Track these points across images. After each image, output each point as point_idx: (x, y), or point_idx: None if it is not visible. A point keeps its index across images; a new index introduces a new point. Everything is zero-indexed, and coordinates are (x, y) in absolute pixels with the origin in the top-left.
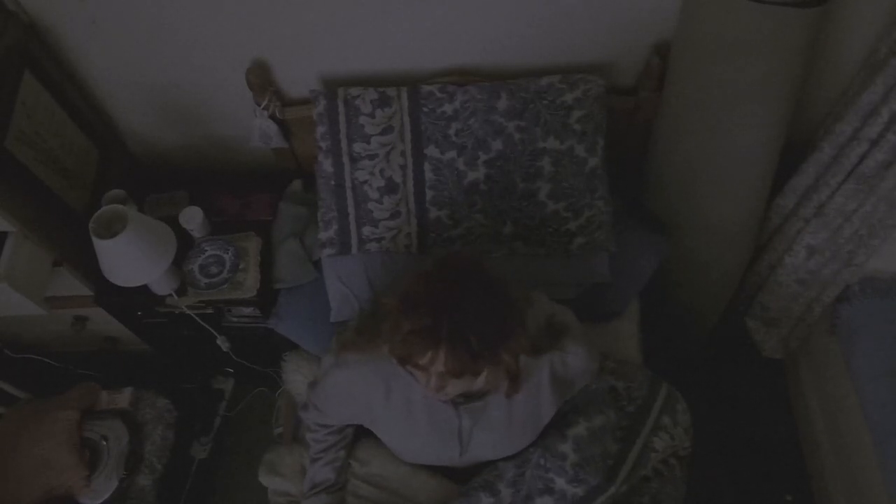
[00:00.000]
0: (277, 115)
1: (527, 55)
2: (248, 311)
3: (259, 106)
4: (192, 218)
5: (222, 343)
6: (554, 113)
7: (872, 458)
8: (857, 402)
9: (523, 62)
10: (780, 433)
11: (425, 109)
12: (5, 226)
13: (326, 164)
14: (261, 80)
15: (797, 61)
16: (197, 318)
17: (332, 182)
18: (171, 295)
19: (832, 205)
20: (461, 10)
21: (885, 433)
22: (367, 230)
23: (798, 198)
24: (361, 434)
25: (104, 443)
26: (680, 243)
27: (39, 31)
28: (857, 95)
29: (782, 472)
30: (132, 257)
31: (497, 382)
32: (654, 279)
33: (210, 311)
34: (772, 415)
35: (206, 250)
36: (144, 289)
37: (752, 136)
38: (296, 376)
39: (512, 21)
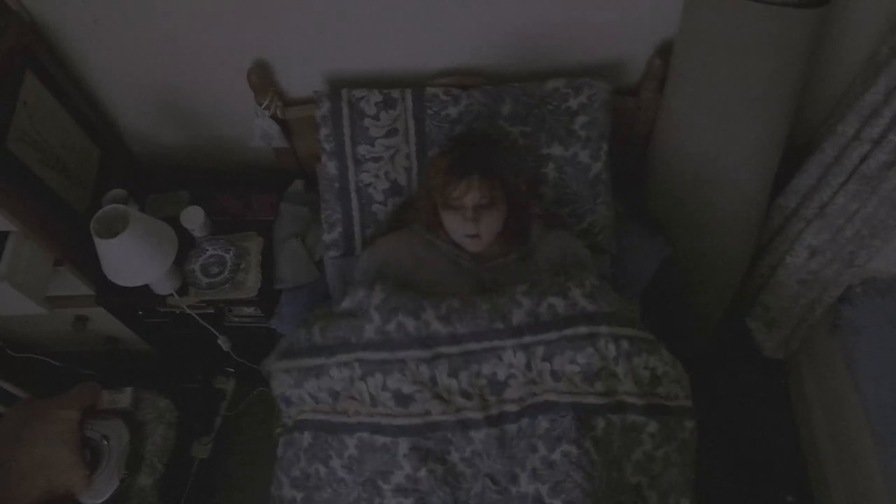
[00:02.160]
0: (279, 114)
1: (529, 56)
2: (249, 310)
3: (260, 106)
4: (194, 218)
5: (223, 343)
6: (558, 119)
7: (874, 458)
8: (859, 402)
9: (526, 62)
10: (781, 434)
11: (430, 112)
12: (7, 225)
13: (330, 167)
14: (262, 80)
15: (799, 62)
16: (198, 318)
17: (337, 184)
18: (172, 295)
19: (834, 205)
20: (463, 9)
21: (886, 434)
22: (371, 232)
23: (800, 198)
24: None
25: (105, 442)
26: (681, 244)
27: (41, 31)
28: (858, 96)
29: (783, 473)
30: (133, 257)
31: (508, 220)
32: (655, 280)
33: (211, 310)
34: (773, 415)
35: (208, 250)
36: (145, 288)
37: (754, 136)
38: None
39: (514, 22)
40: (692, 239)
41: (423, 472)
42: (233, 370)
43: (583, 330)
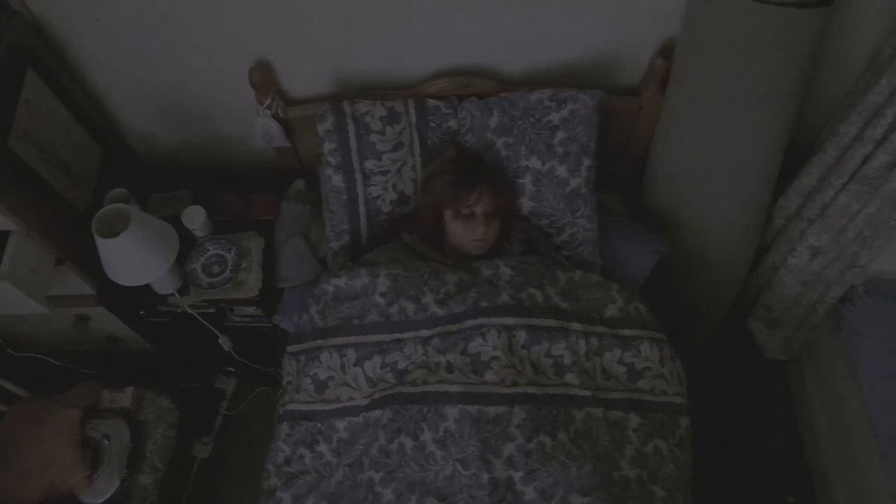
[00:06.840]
0: (280, 114)
1: (531, 55)
2: (250, 310)
3: (262, 105)
4: (195, 217)
5: (224, 342)
6: (539, 132)
7: (876, 459)
8: (861, 403)
9: (527, 62)
10: (782, 434)
11: (432, 125)
12: (8, 224)
13: (336, 180)
14: (263, 79)
15: (801, 62)
16: (199, 318)
17: (344, 197)
18: (173, 294)
19: (836, 206)
20: (466, 8)
21: (888, 434)
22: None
23: (802, 199)
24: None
25: (106, 442)
26: (683, 244)
27: (43, 30)
28: (861, 96)
29: (785, 474)
30: (135, 256)
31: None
32: (655, 279)
33: (212, 310)
34: (775, 416)
35: (209, 249)
36: (147, 288)
37: (756, 136)
38: None
39: (516, 21)
40: (693, 239)
41: (394, 445)
42: (234, 370)
43: (555, 323)
